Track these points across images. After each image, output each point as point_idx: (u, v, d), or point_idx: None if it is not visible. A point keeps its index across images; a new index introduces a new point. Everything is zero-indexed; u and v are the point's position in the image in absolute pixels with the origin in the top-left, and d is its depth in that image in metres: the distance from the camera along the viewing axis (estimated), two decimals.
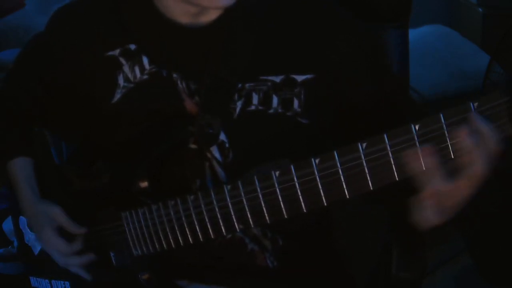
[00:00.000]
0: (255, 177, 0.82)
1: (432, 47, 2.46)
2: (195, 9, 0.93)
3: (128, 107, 1.00)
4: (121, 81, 1.00)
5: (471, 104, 0.67)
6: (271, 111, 0.95)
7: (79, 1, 1.08)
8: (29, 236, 1.18)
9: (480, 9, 2.63)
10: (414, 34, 1.67)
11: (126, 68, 1.00)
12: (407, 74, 1.27)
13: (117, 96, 1.00)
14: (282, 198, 0.80)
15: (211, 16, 0.95)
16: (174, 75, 0.98)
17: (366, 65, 0.97)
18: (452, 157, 0.70)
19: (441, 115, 0.68)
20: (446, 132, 0.69)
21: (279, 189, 0.80)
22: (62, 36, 1.06)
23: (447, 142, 0.69)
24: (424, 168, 0.71)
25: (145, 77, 0.99)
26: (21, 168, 1.09)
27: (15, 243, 1.60)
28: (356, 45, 0.96)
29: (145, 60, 0.99)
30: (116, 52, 1.00)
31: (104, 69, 1.00)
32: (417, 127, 0.69)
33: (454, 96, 2.27)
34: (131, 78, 0.99)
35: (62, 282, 1.13)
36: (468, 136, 0.68)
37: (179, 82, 0.97)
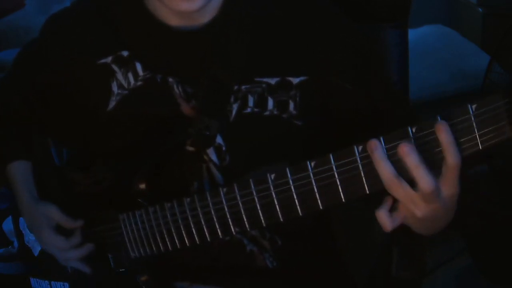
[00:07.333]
0: (251, 180, 0.82)
1: (432, 47, 2.46)
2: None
3: (124, 114, 0.99)
4: (115, 88, 1.00)
5: (469, 106, 0.66)
6: (267, 113, 0.95)
7: (72, 8, 1.08)
8: (29, 237, 1.18)
9: (480, 9, 2.62)
10: (414, 34, 1.67)
11: (119, 75, 0.99)
12: (407, 74, 1.27)
13: (112, 103, 1.00)
14: (277, 202, 0.80)
15: (204, 18, 0.95)
16: (170, 80, 0.97)
17: (360, 68, 0.96)
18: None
19: (439, 117, 0.68)
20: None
21: (274, 192, 0.80)
22: (54, 45, 1.05)
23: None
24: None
25: (139, 83, 0.99)
26: (19, 172, 1.09)
27: (15, 243, 1.60)
28: (351, 47, 0.96)
29: (139, 66, 0.99)
30: (109, 59, 1.00)
31: (97, 77, 1.00)
32: (414, 130, 0.69)
33: (454, 96, 2.27)
34: (125, 85, 0.99)
35: (61, 283, 1.13)
36: (408, 153, 0.68)
37: (175, 86, 0.97)
